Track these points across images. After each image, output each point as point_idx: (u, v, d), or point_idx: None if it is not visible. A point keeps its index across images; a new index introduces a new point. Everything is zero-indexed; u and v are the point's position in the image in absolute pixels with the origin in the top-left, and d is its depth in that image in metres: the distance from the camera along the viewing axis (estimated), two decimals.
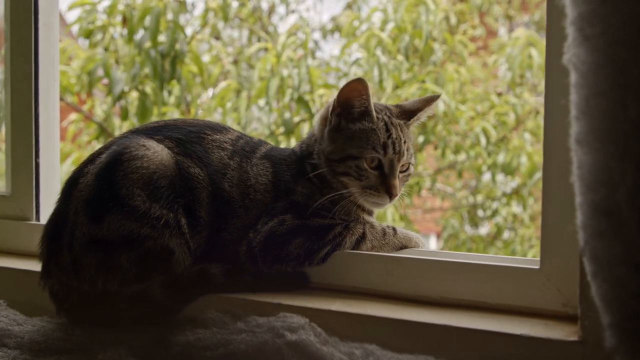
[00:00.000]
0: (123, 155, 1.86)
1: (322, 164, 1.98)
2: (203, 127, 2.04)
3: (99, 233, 1.81)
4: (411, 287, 1.82)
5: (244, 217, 1.93)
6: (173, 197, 1.85)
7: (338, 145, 1.96)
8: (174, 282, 1.84)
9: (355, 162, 1.93)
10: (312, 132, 2.10)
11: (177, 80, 4.93)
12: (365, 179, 1.93)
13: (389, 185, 1.92)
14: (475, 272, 1.75)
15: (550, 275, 1.66)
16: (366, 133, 1.94)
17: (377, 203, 1.96)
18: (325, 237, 1.89)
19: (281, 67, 5.18)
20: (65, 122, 5.89)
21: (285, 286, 1.92)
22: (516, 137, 6.59)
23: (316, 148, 2.02)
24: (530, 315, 1.67)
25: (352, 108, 1.94)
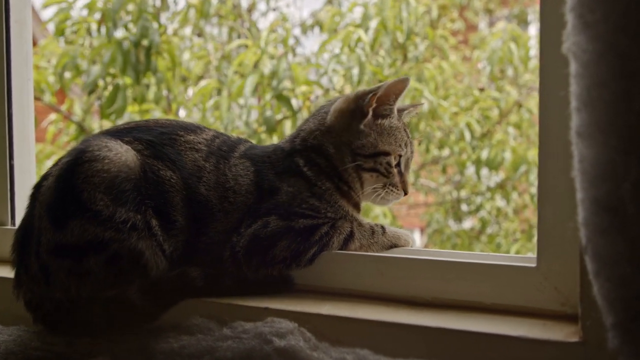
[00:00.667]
0: (83, 155, 1.79)
1: (345, 159, 1.93)
2: (176, 127, 1.96)
3: (63, 239, 1.75)
4: (403, 288, 1.75)
5: (224, 221, 1.86)
6: (140, 200, 1.78)
7: (370, 140, 1.93)
8: (152, 286, 1.77)
9: (386, 158, 1.93)
10: (313, 125, 2.02)
11: (153, 72, 4.82)
12: (391, 176, 1.93)
13: (406, 183, 1.98)
14: (469, 271, 1.68)
15: (548, 273, 1.59)
16: (395, 130, 1.96)
17: (392, 200, 1.98)
18: (312, 237, 1.82)
19: (261, 64, 5.10)
20: (45, 122, 5.77)
21: (268, 290, 1.85)
22: (500, 131, 6.56)
23: (327, 141, 1.96)
24: (527, 316, 1.60)
25: (386, 105, 1.93)
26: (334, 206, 1.90)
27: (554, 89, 1.55)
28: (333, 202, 1.91)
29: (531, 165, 6.04)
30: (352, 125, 1.95)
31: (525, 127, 6.72)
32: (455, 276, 1.70)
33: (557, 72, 1.51)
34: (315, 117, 2.05)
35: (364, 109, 1.94)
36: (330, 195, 1.91)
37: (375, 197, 1.97)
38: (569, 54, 1.24)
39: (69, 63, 4.83)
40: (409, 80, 1.94)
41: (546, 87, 1.57)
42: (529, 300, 1.62)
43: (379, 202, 1.99)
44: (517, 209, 7.26)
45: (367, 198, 1.99)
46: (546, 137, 1.57)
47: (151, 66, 4.85)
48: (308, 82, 5.30)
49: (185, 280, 1.78)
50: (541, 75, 1.58)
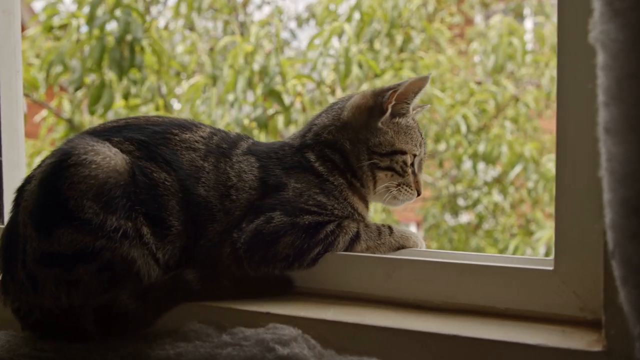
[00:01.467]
0: (69, 158, 1.68)
1: (361, 156, 1.88)
2: (169, 125, 1.86)
3: (50, 247, 1.65)
4: (411, 292, 1.66)
5: (225, 220, 1.77)
6: (130, 206, 1.68)
7: (387, 138, 1.88)
8: (145, 291, 1.68)
9: (403, 157, 1.89)
10: (327, 121, 1.95)
11: (138, 68, 4.70)
12: (407, 176, 1.89)
13: (419, 183, 1.93)
14: (482, 274, 1.59)
15: (566, 276, 1.50)
16: (411, 130, 1.92)
17: (405, 200, 1.93)
18: (317, 235, 1.73)
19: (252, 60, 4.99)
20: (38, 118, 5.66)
21: (267, 291, 1.76)
22: (496, 125, 6.48)
23: (343, 137, 1.90)
24: (544, 322, 1.51)
25: (404, 103, 1.90)
26: (343, 203, 1.83)
27: (573, 82, 1.45)
28: (343, 199, 1.83)
29: (528, 161, 5.95)
30: (370, 122, 1.89)
31: (522, 121, 6.65)
32: (466, 279, 1.60)
33: (577, 64, 1.43)
34: (328, 113, 1.98)
35: (382, 106, 1.89)
36: (341, 192, 1.84)
37: (388, 197, 1.90)
38: (597, 44, 1.15)
39: (56, 60, 4.71)
40: (429, 79, 1.88)
41: (564, 81, 1.48)
42: (545, 305, 1.53)
43: (391, 202, 1.93)
44: (514, 203, 7.19)
45: (378, 197, 1.93)
46: (565, 132, 1.48)
47: (135, 62, 4.74)
48: (299, 77, 5.20)
49: (180, 284, 1.69)
50: (559, 67, 1.49)
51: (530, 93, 6.59)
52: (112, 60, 4.54)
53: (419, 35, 6.04)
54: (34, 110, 6.02)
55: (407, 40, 5.84)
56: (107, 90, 4.63)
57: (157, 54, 4.86)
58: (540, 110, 7.01)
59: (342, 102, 1.99)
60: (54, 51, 4.79)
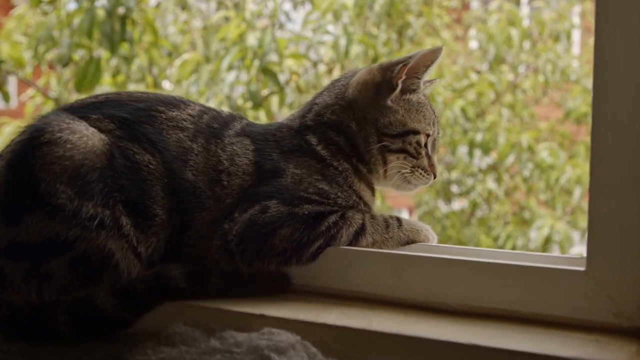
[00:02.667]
0: (41, 135, 1.48)
1: (369, 138, 1.68)
2: (155, 102, 1.65)
3: (17, 237, 1.46)
4: (423, 292, 1.45)
5: (215, 209, 1.57)
6: (107, 192, 1.49)
7: (397, 117, 1.69)
8: (125, 289, 1.48)
9: (416, 137, 1.70)
10: (330, 99, 1.75)
11: (130, 43, 4.46)
12: (421, 158, 1.71)
13: (434, 166, 1.76)
14: (503, 273, 1.39)
15: (599, 278, 1.31)
16: (423, 107, 1.73)
17: (420, 184, 1.76)
18: (317, 227, 1.53)
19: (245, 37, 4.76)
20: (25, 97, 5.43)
21: (261, 290, 1.56)
22: (493, 112, 6.29)
23: (349, 117, 1.71)
24: (574, 329, 1.31)
25: (415, 78, 1.71)
26: (348, 191, 1.64)
27: (611, 68, 1.28)
28: (347, 186, 1.64)
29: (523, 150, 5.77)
30: (378, 100, 1.70)
31: (519, 108, 6.47)
32: (485, 279, 1.40)
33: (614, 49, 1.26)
34: (330, 91, 1.77)
35: (392, 81, 1.69)
36: (346, 178, 1.65)
37: (400, 181, 1.72)
38: None
39: (43, 35, 4.47)
40: (442, 50, 1.69)
41: (601, 67, 1.30)
42: (575, 310, 1.33)
43: (403, 186, 1.74)
44: (508, 191, 7.02)
45: (388, 182, 1.74)
46: (602, 125, 1.29)
47: (126, 36, 4.50)
48: (296, 56, 4.98)
49: (164, 281, 1.49)
50: (596, 53, 1.31)
51: (528, 79, 6.40)
52: (102, 34, 4.30)
53: (417, 20, 5.82)
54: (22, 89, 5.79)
55: (406, 26, 5.63)
56: (95, 67, 4.39)
57: (150, 27, 4.62)
58: (537, 97, 6.83)
59: (346, 78, 1.79)
60: (42, 26, 4.55)
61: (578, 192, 5.66)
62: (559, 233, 5.42)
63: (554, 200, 6.23)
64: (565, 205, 6.21)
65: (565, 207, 6.19)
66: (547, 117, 7.04)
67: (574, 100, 6.18)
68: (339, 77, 1.83)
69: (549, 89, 6.51)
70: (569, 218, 6.07)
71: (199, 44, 5.22)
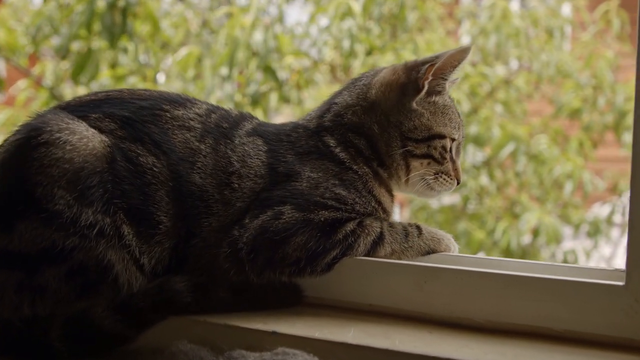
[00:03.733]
0: (39, 135, 1.34)
1: (392, 142, 1.55)
2: (159, 100, 1.51)
3: (9, 245, 1.32)
4: (448, 307, 1.32)
5: (224, 214, 1.43)
6: (108, 198, 1.35)
7: (423, 121, 1.56)
8: (125, 303, 1.35)
9: (442, 142, 1.57)
10: (350, 100, 1.61)
11: (130, 36, 4.30)
12: (445, 163, 1.58)
13: (459, 171, 1.62)
14: (535, 287, 1.26)
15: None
16: (449, 110, 1.61)
17: (443, 191, 1.62)
18: (334, 235, 1.40)
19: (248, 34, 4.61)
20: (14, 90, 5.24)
21: (272, 303, 1.44)
22: (486, 107, 6.17)
23: (371, 120, 1.57)
24: (612, 348, 1.20)
25: (441, 79, 1.58)
26: (366, 197, 1.50)
27: None
28: (367, 192, 1.51)
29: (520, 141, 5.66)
30: (402, 102, 1.57)
31: (511, 103, 6.35)
32: (515, 293, 1.27)
33: None
34: (350, 91, 1.63)
35: (417, 82, 1.56)
36: (365, 183, 1.52)
37: (423, 188, 1.58)
38: None
39: (43, 23, 4.30)
40: (470, 50, 1.56)
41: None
42: (613, 328, 1.21)
43: (425, 192, 1.61)
44: (499, 186, 6.91)
45: (410, 188, 1.61)
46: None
47: (127, 29, 4.34)
48: (297, 54, 4.83)
49: (167, 294, 1.35)
50: None
51: (522, 76, 6.29)
52: (103, 26, 4.14)
53: (412, 12, 5.69)
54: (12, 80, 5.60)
55: (402, 19, 5.49)
56: (93, 59, 4.22)
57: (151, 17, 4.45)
58: (529, 92, 6.72)
59: (367, 77, 1.65)
60: (41, 14, 4.37)
61: (569, 187, 5.57)
62: (546, 226, 5.33)
63: (546, 195, 6.13)
64: (556, 200, 6.12)
65: (557, 202, 6.10)
66: (538, 112, 6.93)
67: (567, 95, 6.08)
68: (359, 76, 1.69)
69: (541, 84, 6.40)
70: (560, 212, 5.98)
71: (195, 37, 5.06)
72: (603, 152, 6.37)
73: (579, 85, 5.98)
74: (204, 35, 5.32)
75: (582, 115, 5.94)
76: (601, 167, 6.42)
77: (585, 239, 5.90)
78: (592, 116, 5.95)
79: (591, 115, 5.94)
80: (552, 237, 5.29)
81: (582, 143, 5.85)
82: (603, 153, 6.42)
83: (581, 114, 5.94)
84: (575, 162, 5.55)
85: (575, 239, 5.91)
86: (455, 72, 1.58)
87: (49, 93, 4.81)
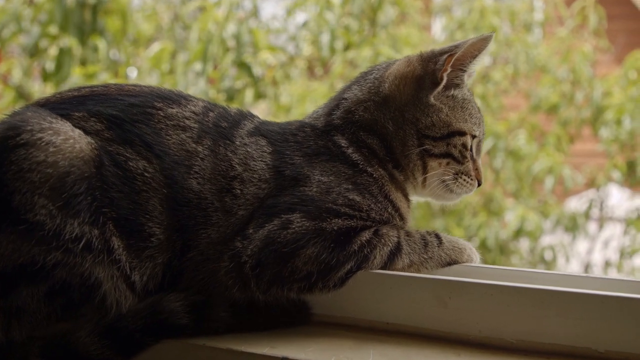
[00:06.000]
0: (17, 135, 1.19)
1: (408, 141, 1.43)
2: (151, 96, 1.36)
3: None
4: (475, 326, 1.19)
5: (224, 224, 1.28)
6: (97, 207, 1.20)
7: (441, 117, 1.43)
8: (113, 326, 1.21)
9: (462, 139, 1.44)
10: (361, 94, 1.47)
11: (100, 33, 4.12)
12: (466, 162, 1.46)
13: (480, 171, 1.50)
14: (571, 303, 1.13)
15: None
16: (469, 104, 1.48)
17: (463, 193, 1.49)
18: (349, 246, 1.26)
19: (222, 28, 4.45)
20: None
21: (277, 323, 1.30)
22: None
23: (385, 116, 1.44)
24: None
25: (459, 71, 1.45)
26: (382, 202, 1.36)
27: None
28: (383, 197, 1.37)
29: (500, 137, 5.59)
30: (419, 96, 1.44)
31: (489, 98, 6.28)
32: (550, 310, 1.14)
33: None
34: (360, 85, 1.50)
35: (435, 74, 1.43)
36: (382, 187, 1.38)
37: (441, 190, 1.46)
38: None
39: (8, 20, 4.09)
40: (492, 38, 1.43)
41: None
42: None
43: (445, 196, 1.49)
44: None
45: (427, 191, 1.48)
46: None
47: (98, 26, 4.15)
48: (272, 49, 4.67)
49: (161, 315, 1.22)
50: None
51: (498, 70, 6.22)
52: (72, 24, 3.94)
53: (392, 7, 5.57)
54: None
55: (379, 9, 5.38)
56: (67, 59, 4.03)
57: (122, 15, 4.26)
58: (505, 87, 6.66)
59: (378, 70, 1.51)
60: (4, 11, 4.16)
61: (550, 183, 5.52)
62: (529, 222, 5.27)
63: (522, 191, 6.08)
64: (534, 196, 6.06)
65: (536, 197, 6.05)
66: (515, 107, 6.88)
67: (545, 90, 6.02)
68: (369, 69, 1.56)
69: (518, 78, 6.34)
70: (541, 208, 5.93)
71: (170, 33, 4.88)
72: (580, 146, 6.34)
73: (557, 80, 5.93)
74: (176, 29, 5.14)
75: (560, 110, 5.89)
76: (578, 161, 6.38)
77: (562, 233, 5.85)
78: (570, 111, 5.90)
79: (569, 110, 5.90)
80: (534, 234, 5.23)
81: (560, 138, 5.80)
82: (580, 147, 6.39)
83: (559, 109, 5.89)
84: (555, 158, 5.50)
85: (551, 233, 5.86)
86: (475, 63, 1.46)
87: (15, 92, 4.59)
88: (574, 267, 5.65)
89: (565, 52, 5.81)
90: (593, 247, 5.86)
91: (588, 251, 5.86)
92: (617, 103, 5.30)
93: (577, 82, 5.69)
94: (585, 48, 5.80)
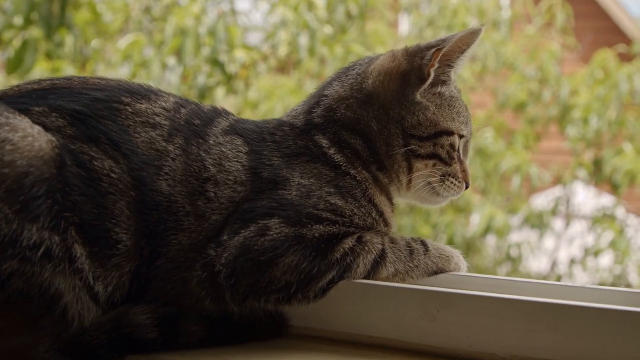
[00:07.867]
0: None
1: (393, 141, 1.35)
2: (118, 91, 1.25)
3: None
4: (465, 340, 1.10)
5: (197, 229, 1.18)
6: (58, 211, 1.09)
7: (428, 115, 1.35)
8: (75, 341, 1.11)
9: (449, 139, 1.37)
10: (343, 91, 1.39)
11: (68, 27, 3.98)
12: (453, 163, 1.38)
13: (467, 172, 1.43)
14: (570, 317, 1.06)
15: None
16: (456, 102, 1.41)
17: (450, 196, 1.42)
18: (330, 254, 1.17)
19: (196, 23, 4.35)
20: None
21: (253, 337, 1.22)
22: None
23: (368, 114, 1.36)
24: None
25: (447, 66, 1.38)
26: (366, 207, 1.28)
27: None
28: (366, 201, 1.29)
29: None
30: (404, 93, 1.36)
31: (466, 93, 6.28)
32: (546, 324, 1.07)
33: None
34: (342, 81, 1.41)
35: (422, 70, 1.35)
36: (365, 190, 1.29)
37: (427, 193, 1.38)
38: None
39: None
40: (482, 32, 1.36)
41: None
42: None
43: (430, 199, 1.41)
44: None
45: (411, 194, 1.40)
46: None
47: (66, 20, 4.01)
48: (247, 47, 4.59)
49: (127, 328, 1.12)
50: None
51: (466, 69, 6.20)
52: (40, 16, 3.80)
53: None
54: None
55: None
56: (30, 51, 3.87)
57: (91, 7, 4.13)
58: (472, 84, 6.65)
59: (361, 65, 1.43)
60: None
61: (517, 181, 5.51)
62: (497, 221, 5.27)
63: (490, 187, 6.08)
64: (502, 193, 6.06)
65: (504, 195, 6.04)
66: (482, 104, 6.87)
67: (512, 88, 6.02)
68: (351, 64, 1.47)
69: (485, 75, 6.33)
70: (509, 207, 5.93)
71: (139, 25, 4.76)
72: (546, 144, 6.35)
73: (524, 77, 5.94)
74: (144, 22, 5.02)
75: (527, 108, 5.89)
76: (545, 158, 6.39)
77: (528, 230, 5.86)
78: (537, 109, 5.91)
79: (536, 107, 5.91)
80: (502, 232, 5.22)
81: (527, 135, 5.81)
82: (546, 145, 6.40)
83: (526, 107, 5.90)
84: (522, 156, 5.50)
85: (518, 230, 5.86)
86: (463, 59, 1.38)
87: None
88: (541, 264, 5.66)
89: (532, 50, 5.82)
90: (559, 244, 5.88)
91: (554, 249, 5.87)
92: (584, 102, 5.31)
93: (545, 80, 5.71)
94: (552, 46, 5.81)
